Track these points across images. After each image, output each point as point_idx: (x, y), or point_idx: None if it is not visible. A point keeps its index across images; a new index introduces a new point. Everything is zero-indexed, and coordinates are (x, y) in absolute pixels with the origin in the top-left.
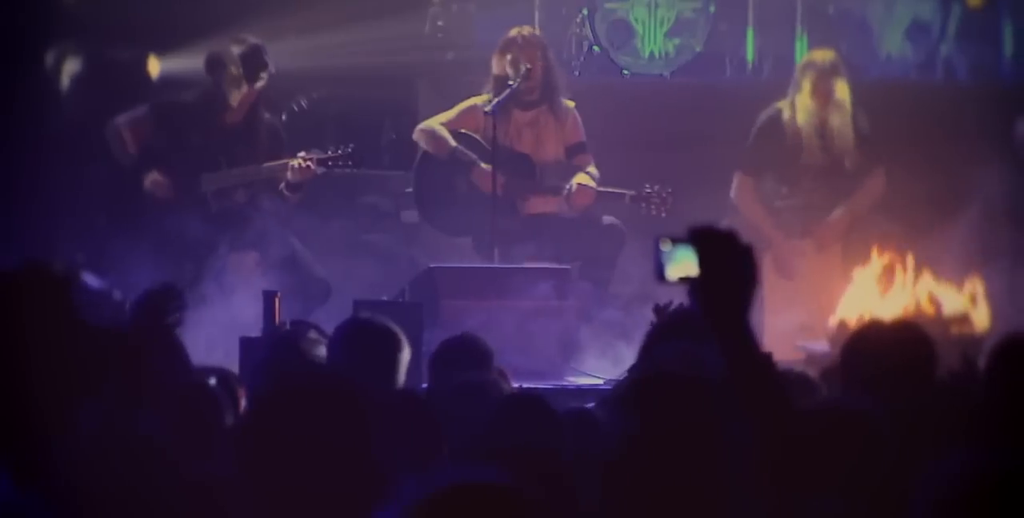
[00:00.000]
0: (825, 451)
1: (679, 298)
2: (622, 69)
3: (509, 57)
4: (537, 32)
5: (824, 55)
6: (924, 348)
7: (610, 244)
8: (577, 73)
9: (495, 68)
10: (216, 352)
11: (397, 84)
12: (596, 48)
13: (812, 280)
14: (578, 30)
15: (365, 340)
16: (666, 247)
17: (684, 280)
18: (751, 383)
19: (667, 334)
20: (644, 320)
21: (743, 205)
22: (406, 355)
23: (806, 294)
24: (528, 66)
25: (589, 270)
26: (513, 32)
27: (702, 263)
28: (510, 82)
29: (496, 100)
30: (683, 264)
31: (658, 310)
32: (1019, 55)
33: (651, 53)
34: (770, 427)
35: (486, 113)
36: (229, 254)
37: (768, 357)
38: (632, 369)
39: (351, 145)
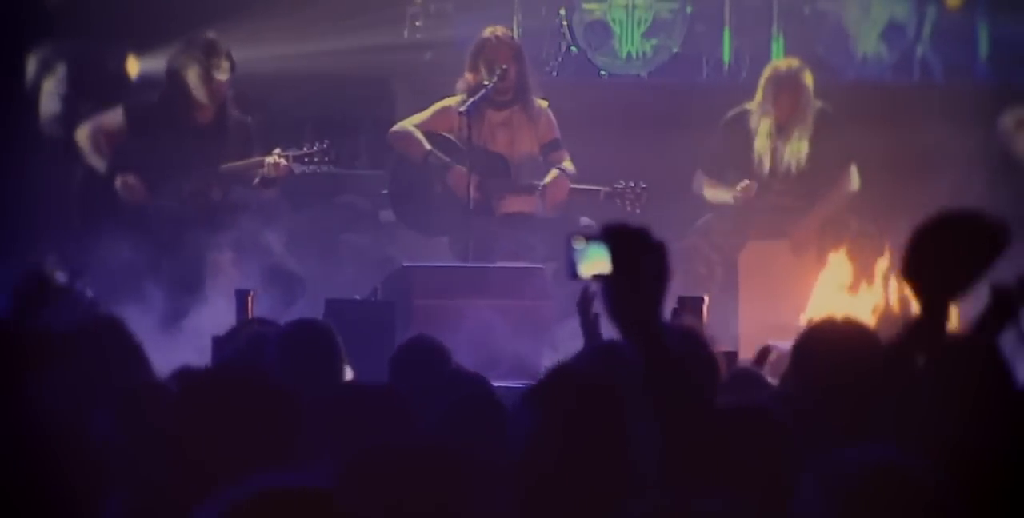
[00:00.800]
0: (730, 450)
1: None
2: (600, 69)
3: (483, 57)
4: (511, 32)
5: (789, 63)
6: (871, 348)
7: None
8: (555, 73)
9: (469, 68)
10: (192, 351)
11: (375, 84)
12: (574, 49)
13: (787, 280)
14: (556, 30)
15: (305, 340)
16: (579, 244)
17: (597, 277)
18: (662, 380)
19: None
20: None
21: (708, 195)
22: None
23: (781, 294)
24: (504, 66)
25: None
26: (487, 32)
27: (615, 260)
28: (484, 82)
29: (471, 100)
30: (596, 261)
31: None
32: (994, 56)
33: (628, 54)
34: (678, 425)
35: (461, 113)
36: (205, 253)
37: (674, 355)
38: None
39: (326, 141)
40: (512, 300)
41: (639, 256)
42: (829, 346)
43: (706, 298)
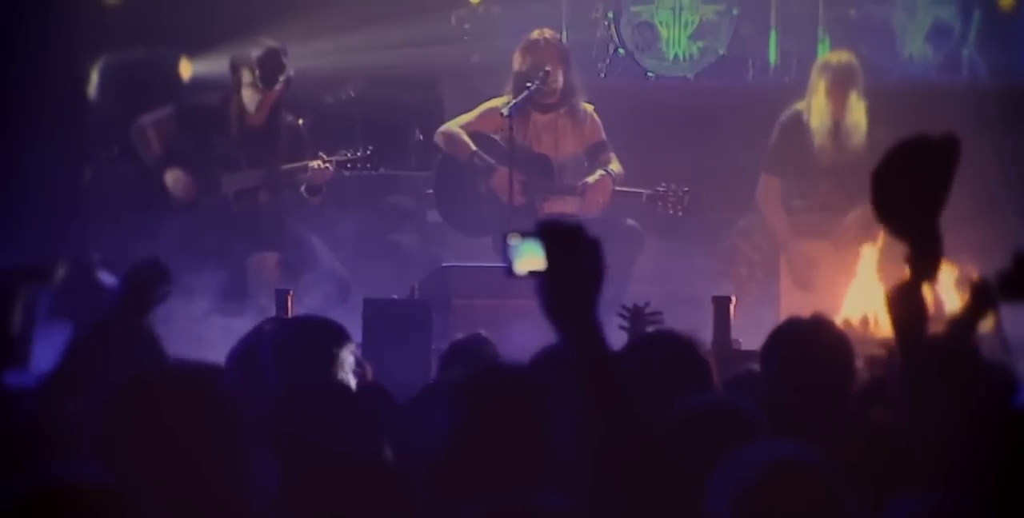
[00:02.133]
0: (665, 450)
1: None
2: (647, 71)
3: (529, 59)
4: (558, 35)
5: (839, 57)
6: (838, 348)
7: (629, 245)
8: (603, 75)
9: (515, 70)
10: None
11: (423, 86)
12: (621, 51)
13: (830, 281)
14: (604, 32)
15: (294, 339)
16: (514, 241)
17: (532, 274)
18: (594, 378)
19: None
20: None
21: (766, 206)
22: (347, 349)
23: (824, 294)
24: (547, 69)
25: (608, 270)
26: (535, 34)
27: (548, 257)
28: (528, 84)
29: (513, 102)
30: (531, 258)
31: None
32: None
33: (675, 55)
34: (610, 423)
35: (502, 115)
36: (250, 255)
37: (607, 354)
38: None
39: (370, 147)
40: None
41: (573, 253)
42: (795, 347)
43: (734, 298)
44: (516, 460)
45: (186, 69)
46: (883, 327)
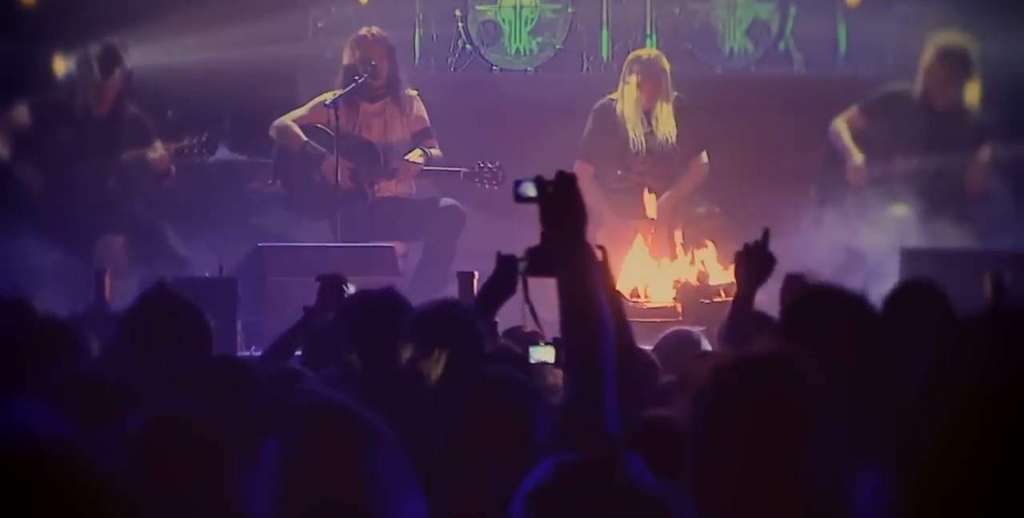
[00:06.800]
0: None
1: None
2: (492, 65)
3: (357, 54)
4: (384, 32)
5: (648, 53)
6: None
7: (450, 223)
8: (452, 69)
9: (344, 64)
10: None
11: (281, 80)
12: (468, 46)
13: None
14: (453, 30)
15: None
16: None
17: None
18: None
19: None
20: None
21: (584, 190)
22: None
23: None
24: (373, 63)
25: (431, 248)
26: (363, 31)
27: None
28: (355, 78)
29: (338, 94)
30: None
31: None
32: (851, 52)
33: (517, 50)
34: None
35: (325, 106)
36: (98, 238)
37: None
38: None
39: (205, 134)
40: (361, 277)
41: None
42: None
43: (476, 273)
44: None
45: (60, 66)
46: (651, 299)
